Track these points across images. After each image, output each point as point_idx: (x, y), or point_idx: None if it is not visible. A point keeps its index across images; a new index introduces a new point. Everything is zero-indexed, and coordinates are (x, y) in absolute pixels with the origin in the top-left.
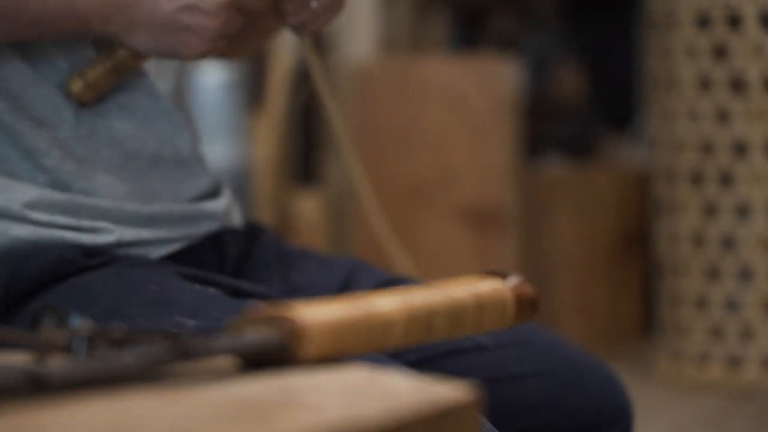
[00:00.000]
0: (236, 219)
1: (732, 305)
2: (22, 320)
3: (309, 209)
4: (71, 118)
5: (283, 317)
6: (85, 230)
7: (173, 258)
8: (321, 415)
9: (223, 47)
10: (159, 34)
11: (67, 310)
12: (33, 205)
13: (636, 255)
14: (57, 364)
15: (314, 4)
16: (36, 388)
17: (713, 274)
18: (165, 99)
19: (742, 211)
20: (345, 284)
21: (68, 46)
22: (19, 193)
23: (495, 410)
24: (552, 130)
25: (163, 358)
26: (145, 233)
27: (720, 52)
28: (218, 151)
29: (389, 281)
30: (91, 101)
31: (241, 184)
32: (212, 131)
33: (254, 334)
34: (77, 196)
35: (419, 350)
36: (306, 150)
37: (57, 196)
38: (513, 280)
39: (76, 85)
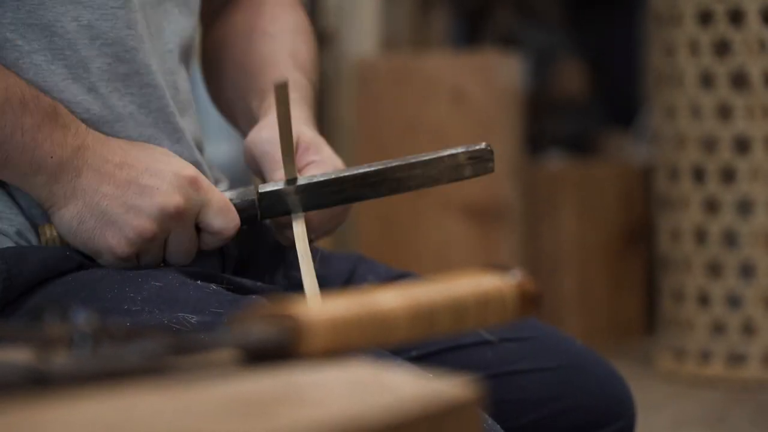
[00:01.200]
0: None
1: (734, 301)
2: (23, 315)
3: None
4: None
5: (285, 313)
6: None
7: None
8: (323, 410)
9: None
10: (85, 217)
11: (70, 305)
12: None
13: (638, 251)
14: (59, 360)
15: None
16: (38, 384)
17: (715, 269)
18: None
19: (744, 207)
20: (348, 280)
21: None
22: (13, 222)
23: (497, 405)
24: (554, 126)
25: (166, 354)
26: None
27: (722, 48)
28: (222, 149)
29: (392, 276)
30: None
31: (245, 182)
32: (215, 131)
33: (257, 330)
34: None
35: (422, 345)
36: None
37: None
38: (515, 276)
39: (50, 239)
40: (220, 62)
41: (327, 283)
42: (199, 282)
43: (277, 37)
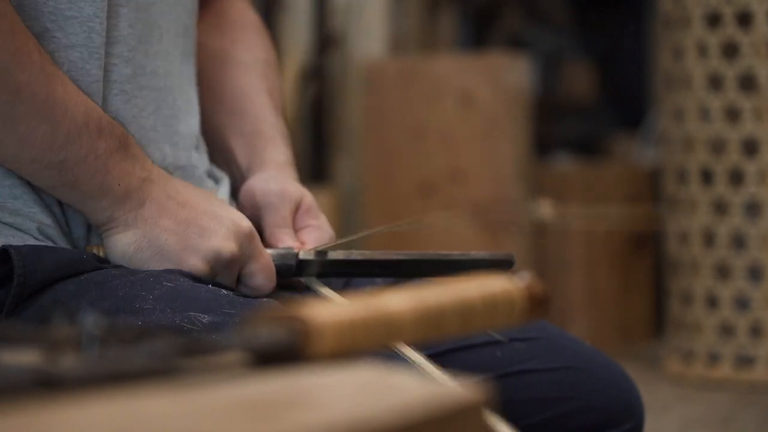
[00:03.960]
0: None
1: (742, 303)
2: (35, 313)
3: (319, 208)
4: None
5: (294, 315)
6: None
7: None
8: (331, 413)
9: None
10: (142, 246)
11: (80, 306)
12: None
13: (646, 253)
14: (67, 362)
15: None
16: (45, 386)
17: (723, 272)
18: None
19: (753, 209)
20: (349, 281)
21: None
22: (35, 217)
23: (505, 405)
24: (562, 128)
25: (174, 356)
26: None
27: (730, 51)
28: None
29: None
30: None
31: None
32: None
33: (265, 332)
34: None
35: (430, 346)
36: (316, 149)
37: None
38: (524, 278)
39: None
40: None
41: (334, 284)
42: (210, 286)
43: (251, 68)
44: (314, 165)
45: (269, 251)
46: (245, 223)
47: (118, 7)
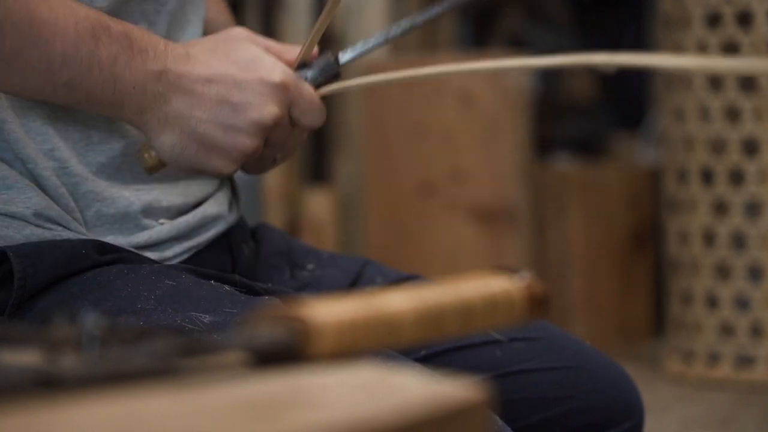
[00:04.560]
0: (242, 213)
1: (742, 303)
2: (37, 314)
3: (319, 208)
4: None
5: (295, 314)
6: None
7: (186, 261)
8: (332, 413)
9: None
10: (186, 144)
11: (82, 307)
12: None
13: (646, 253)
14: (67, 363)
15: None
16: (46, 386)
17: (723, 272)
18: None
19: (753, 209)
20: (355, 281)
21: None
22: (30, 202)
23: (505, 405)
24: (562, 129)
25: (174, 356)
26: (152, 255)
27: (730, 50)
28: None
29: (400, 279)
30: (159, 171)
31: (252, 183)
32: None
33: (266, 332)
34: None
35: (431, 345)
36: (316, 149)
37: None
38: (524, 278)
39: (152, 159)
40: None
41: (335, 285)
42: (212, 282)
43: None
44: (314, 165)
45: (309, 73)
46: (273, 77)
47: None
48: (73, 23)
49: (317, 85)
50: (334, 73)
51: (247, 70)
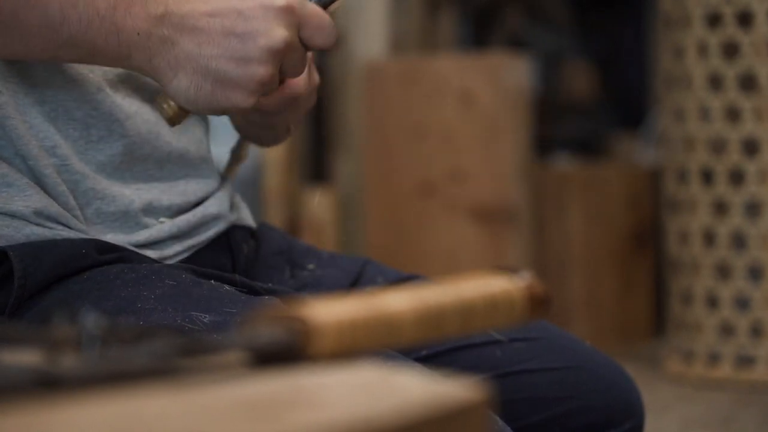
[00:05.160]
0: (244, 214)
1: (742, 303)
2: (37, 314)
3: (319, 208)
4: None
5: (295, 314)
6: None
7: (186, 260)
8: (332, 413)
9: (262, 104)
10: (200, 83)
11: (83, 306)
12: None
13: (646, 253)
14: (67, 362)
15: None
16: (46, 386)
17: (723, 271)
18: None
19: (753, 209)
20: (355, 281)
21: None
22: (30, 201)
23: (506, 405)
24: (562, 129)
25: (174, 356)
26: (152, 254)
27: (730, 50)
28: (228, 150)
29: (401, 279)
30: (181, 122)
31: (252, 182)
32: (222, 130)
33: (266, 332)
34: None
35: (431, 345)
36: (316, 149)
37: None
38: (524, 278)
39: (171, 108)
40: None
41: (334, 283)
42: (212, 282)
43: None
44: (314, 165)
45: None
46: (277, 2)
47: None
48: None
49: (324, 5)
50: None
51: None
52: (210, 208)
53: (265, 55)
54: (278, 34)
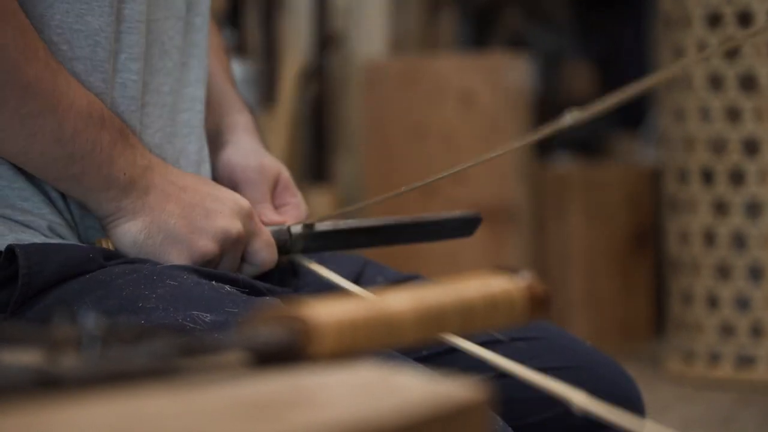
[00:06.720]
0: None
1: (742, 303)
2: (37, 313)
3: (319, 207)
4: None
5: (295, 314)
6: None
7: None
8: (332, 413)
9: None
10: (152, 233)
11: (84, 306)
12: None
13: (647, 253)
14: (67, 362)
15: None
16: (46, 386)
17: (724, 271)
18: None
19: (753, 209)
20: (355, 281)
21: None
22: (44, 217)
23: (506, 404)
24: (562, 129)
25: (174, 356)
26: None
27: (731, 51)
28: None
29: (400, 279)
30: None
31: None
32: None
33: (267, 332)
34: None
35: (431, 345)
36: (316, 148)
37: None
38: (524, 278)
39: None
40: None
41: (334, 283)
42: (213, 282)
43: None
44: (314, 165)
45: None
46: (245, 202)
47: (124, 23)
48: (86, 104)
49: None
50: (285, 237)
51: (223, 191)
52: None
53: (219, 235)
54: (236, 224)
